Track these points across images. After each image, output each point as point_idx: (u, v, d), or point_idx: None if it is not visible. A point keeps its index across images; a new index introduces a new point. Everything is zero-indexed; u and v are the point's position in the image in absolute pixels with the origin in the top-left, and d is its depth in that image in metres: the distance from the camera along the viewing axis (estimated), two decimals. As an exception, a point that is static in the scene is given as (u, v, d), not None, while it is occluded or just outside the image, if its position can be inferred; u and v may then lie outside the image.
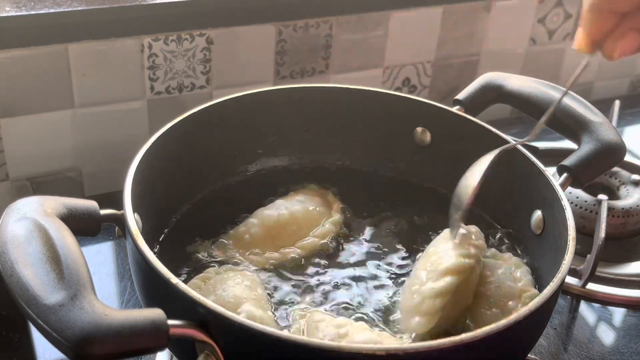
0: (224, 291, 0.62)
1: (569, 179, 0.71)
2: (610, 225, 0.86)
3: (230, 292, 0.61)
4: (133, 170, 0.62)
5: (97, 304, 0.44)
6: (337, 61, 1.03)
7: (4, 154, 0.88)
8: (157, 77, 0.92)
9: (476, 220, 0.76)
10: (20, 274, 0.46)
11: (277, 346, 0.47)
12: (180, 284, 0.50)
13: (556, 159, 0.75)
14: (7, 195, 0.90)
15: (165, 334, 0.45)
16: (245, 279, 0.64)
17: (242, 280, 0.64)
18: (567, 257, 0.57)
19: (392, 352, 0.46)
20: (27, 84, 0.85)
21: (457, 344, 0.47)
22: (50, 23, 0.83)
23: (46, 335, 0.44)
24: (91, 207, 0.57)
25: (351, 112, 0.81)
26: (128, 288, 0.78)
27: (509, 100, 0.82)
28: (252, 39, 0.95)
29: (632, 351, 0.74)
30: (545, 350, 0.74)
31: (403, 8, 1.02)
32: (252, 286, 0.64)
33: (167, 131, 0.69)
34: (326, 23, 0.99)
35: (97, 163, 0.94)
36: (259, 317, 0.59)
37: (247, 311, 0.59)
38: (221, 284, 0.63)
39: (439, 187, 0.80)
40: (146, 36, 0.89)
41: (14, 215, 0.51)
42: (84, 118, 0.90)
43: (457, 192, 0.65)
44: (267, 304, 0.63)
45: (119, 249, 0.83)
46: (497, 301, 0.64)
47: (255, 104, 0.77)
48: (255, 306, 0.60)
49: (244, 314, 0.59)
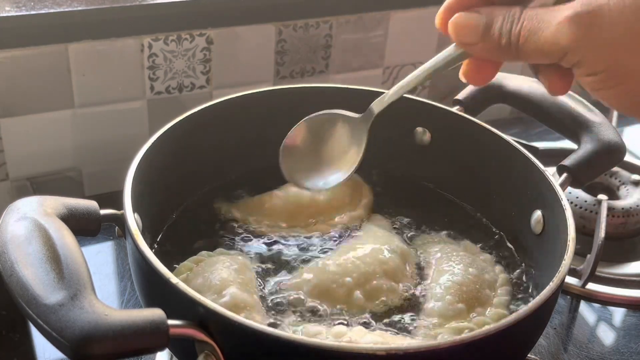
0: (211, 274, 0.62)
1: (569, 179, 0.71)
2: (610, 225, 0.86)
3: (217, 275, 0.62)
4: (133, 170, 0.62)
5: (97, 303, 0.44)
6: (337, 61, 1.03)
7: (4, 154, 0.88)
8: (157, 77, 0.92)
9: (476, 220, 0.76)
10: (20, 273, 0.46)
11: (277, 346, 0.47)
12: (180, 283, 0.50)
13: (556, 159, 0.75)
14: (7, 195, 0.90)
15: (165, 334, 0.45)
16: (235, 263, 0.65)
17: (230, 264, 0.64)
18: (567, 257, 0.57)
19: (392, 352, 0.46)
20: (27, 84, 0.85)
21: (457, 344, 0.47)
22: (50, 23, 0.83)
23: (46, 335, 0.44)
24: (91, 207, 0.57)
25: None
26: (128, 288, 0.78)
27: (509, 100, 0.82)
28: (252, 39, 0.95)
29: (632, 351, 0.74)
30: (545, 350, 0.74)
31: (403, 8, 1.02)
32: (241, 270, 0.64)
33: (167, 131, 0.69)
34: (326, 23, 0.99)
35: (97, 163, 0.94)
36: (242, 300, 0.60)
37: (231, 294, 0.60)
38: (210, 267, 0.64)
39: (439, 187, 0.80)
40: (146, 36, 0.89)
41: (14, 215, 0.51)
42: (84, 118, 0.90)
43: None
44: (253, 288, 0.63)
45: (119, 249, 0.83)
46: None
47: (255, 104, 0.77)
48: (240, 289, 0.61)
49: (228, 297, 0.59)
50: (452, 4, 0.49)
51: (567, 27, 0.41)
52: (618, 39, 0.40)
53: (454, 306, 0.63)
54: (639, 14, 0.40)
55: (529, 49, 0.44)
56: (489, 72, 0.51)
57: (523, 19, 0.44)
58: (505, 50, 0.45)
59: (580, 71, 0.42)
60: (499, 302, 0.64)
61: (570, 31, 0.41)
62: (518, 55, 0.45)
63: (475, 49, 0.48)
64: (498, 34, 0.45)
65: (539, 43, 0.43)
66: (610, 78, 0.41)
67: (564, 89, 0.48)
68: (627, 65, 0.40)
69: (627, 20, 0.40)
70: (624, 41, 0.40)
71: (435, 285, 0.66)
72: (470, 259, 0.68)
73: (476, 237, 0.73)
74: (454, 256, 0.69)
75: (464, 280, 0.65)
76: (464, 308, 0.63)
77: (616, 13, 0.40)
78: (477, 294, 0.64)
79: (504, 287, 0.67)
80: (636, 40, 0.40)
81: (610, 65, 0.41)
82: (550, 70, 0.47)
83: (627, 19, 0.40)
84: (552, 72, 0.47)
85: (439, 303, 0.63)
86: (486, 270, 0.68)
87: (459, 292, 0.64)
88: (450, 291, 0.64)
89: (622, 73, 0.40)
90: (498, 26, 0.45)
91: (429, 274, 0.68)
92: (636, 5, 0.40)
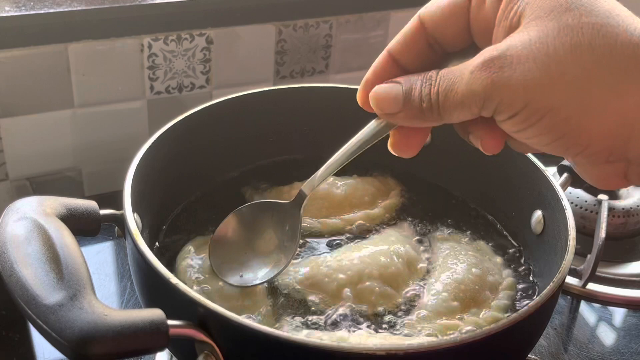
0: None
1: (569, 179, 0.72)
2: (611, 225, 0.86)
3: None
4: (133, 170, 0.62)
5: (97, 304, 0.44)
6: (337, 61, 1.03)
7: (4, 154, 0.88)
8: (157, 77, 0.92)
9: (476, 220, 0.76)
10: (20, 274, 0.46)
11: (277, 346, 0.47)
12: (180, 284, 0.50)
13: (556, 159, 0.75)
14: (7, 195, 0.90)
15: (164, 334, 0.45)
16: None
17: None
18: (567, 257, 0.57)
19: (392, 352, 0.46)
20: (27, 84, 0.85)
21: (457, 344, 0.47)
22: (50, 23, 0.83)
23: (45, 335, 0.44)
24: (91, 207, 0.57)
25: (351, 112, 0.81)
26: (128, 288, 0.78)
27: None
28: (252, 39, 0.95)
29: (632, 351, 0.74)
30: (545, 350, 0.74)
31: (403, 8, 1.02)
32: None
33: (167, 131, 0.69)
34: (326, 23, 0.99)
35: (97, 163, 0.94)
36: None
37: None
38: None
39: (439, 187, 0.80)
40: (146, 36, 0.89)
41: (13, 215, 0.51)
42: (83, 118, 0.90)
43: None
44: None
45: (119, 249, 0.83)
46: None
47: (255, 104, 0.77)
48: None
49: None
50: (370, 80, 0.51)
51: (479, 73, 0.42)
52: (530, 76, 0.41)
53: (447, 303, 0.63)
54: (546, 50, 0.41)
55: (449, 106, 0.44)
56: (417, 141, 0.51)
57: (439, 79, 0.45)
58: (427, 114, 0.46)
59: (502, 116, 0.43)
60: (496, 305, 0.64)
61: (483, 76, 0.42)
62: (441, 116, 0.45)
63: (398, 118, 0.48)
64: (418, 99, 0.46)
65: (457, 97, 0.44)
66: (532, 114, 0.42)
67: (497, 146, 0.48)
68: (544, 99, 0.41)
69: (535, 57, 0.41)
70: (536, 77, 0.41)
71: (434, 281, 0.66)
72: (477, 260, 0.68)
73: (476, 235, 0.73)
74: (462, 255, 0.68)
75: (464, 279, 0.65)
76: (457, 306, 0.62)
77: (524, 53, 0.41)
78: (475, 294, 0.64)
79: (507, 291, 0.66)
80: (548, 75, 0.40)
81: (528, 101, 0.41)
82: (478, 129, 0.48)
83: (535, 56, 0.41)
84: (480, 130, 0.48)
85: (434, 298, 0.63)
86: (492, 272, 0.67)
87: (456, 290, 0.64)
88: (448, 288, 0.64)
89: (542, 106, 0.41)
90: (417, 92, 0.46)
91: (433, 273, 0.67)
92: (541, 42, 0.41)
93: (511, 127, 0.43)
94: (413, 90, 0.47)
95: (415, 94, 0.46)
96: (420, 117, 0.47)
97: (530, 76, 0.41)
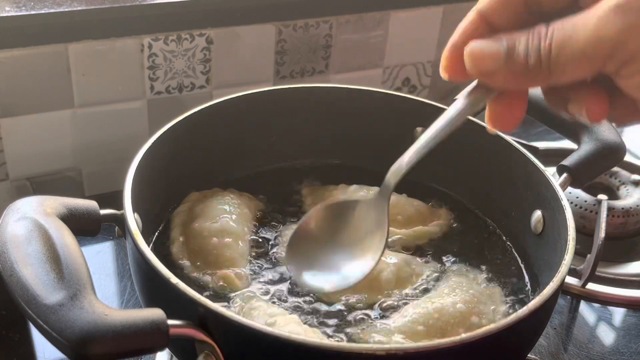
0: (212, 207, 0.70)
1: (568, 179, 0.71)
2: (610, 225, 0.86)
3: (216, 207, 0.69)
4: (133, 170, 0.62)
5: (97, 303, 0.44)
6: (337, 61, 1.03)
7: (4, 154, 0.88)
8: (157, 77, 0.92)
9: (476, 220, 0.76)
10: (20, 273, 0.46)
11: (277, 346, 0.47)
12: (180, 283, 0.50)
13: (556, 159, 0.75)
14: (7, 195, 0.90)
15: (165, 334, 0.45)
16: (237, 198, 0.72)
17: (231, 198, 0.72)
18: (567, 257, 0.57)
19: (392, 352, 0.46)
20: (27, 84, 0.85)
21: (457, 344, 0.47)
22: (50, 23, 0.83)
23: (46, 335, 0.44)
24: (91, 207, 0.57)
25: (351, 112, 0.81)
26: (128, 288, 0.78)
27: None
28: (252, 39, 0.95)
29: (632, 351, 0.74)
30: (545, 350, 0.74)
31: (403, 8, 1.02)
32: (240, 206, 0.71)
33: (167, 131, 0.69)
34: (326, 23, 0.99)
35: (97, 163, 0.94)
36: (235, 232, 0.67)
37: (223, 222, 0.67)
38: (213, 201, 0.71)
39: (439, 187, 0.80)
40: (146, 36, 0.89)
41: (14, 215, 0.51)
42: (84, 118, 0.90)
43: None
44: (247, 223, 0.70)
45: (119, 249, 0.83)
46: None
47: (255, 104, 0.77)
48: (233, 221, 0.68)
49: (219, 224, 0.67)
50: (458, 42, 0.45)
51: (613, 16, 0.37)
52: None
53: (413, 325, 0.59)
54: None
55: (564, 60, 0.39)
56: (517, 110, 0.45)
57: (552, 31, 0.39)
58: (534, 71, 0.40)
59: (630, 70, 0.37)
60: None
61: (618, 20, 0.36)
62: (551, 73, 0.40)
63: (498, 78, 0.42)
64: (524, 53, 0.40)
65: (577, 47, 0.38)
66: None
67: (603, 112, 0.42)
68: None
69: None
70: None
71: (416, 303, 0.63)
72: (474, 300, 0.63)
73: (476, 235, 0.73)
74: (459, 289, 0.64)
75: (442, 309, 0.61)
76: (422, 331, 0.59)
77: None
78: (445, 326, 0.60)
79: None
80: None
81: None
82: (582, 93, 0.42)
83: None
84: (584, 95, 0.42)
85: (402, 318, 0.60)
86: (477, 310, 0.62)
87: (427, 318, 0.60)
88: (420, 312, 0.61)
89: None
90: (522, 47, 0.41)
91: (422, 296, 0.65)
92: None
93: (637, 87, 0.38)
94: (517, 44, 0.41)
95: (520, 48, 0.41)
96: (524, 76, 0.41)
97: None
